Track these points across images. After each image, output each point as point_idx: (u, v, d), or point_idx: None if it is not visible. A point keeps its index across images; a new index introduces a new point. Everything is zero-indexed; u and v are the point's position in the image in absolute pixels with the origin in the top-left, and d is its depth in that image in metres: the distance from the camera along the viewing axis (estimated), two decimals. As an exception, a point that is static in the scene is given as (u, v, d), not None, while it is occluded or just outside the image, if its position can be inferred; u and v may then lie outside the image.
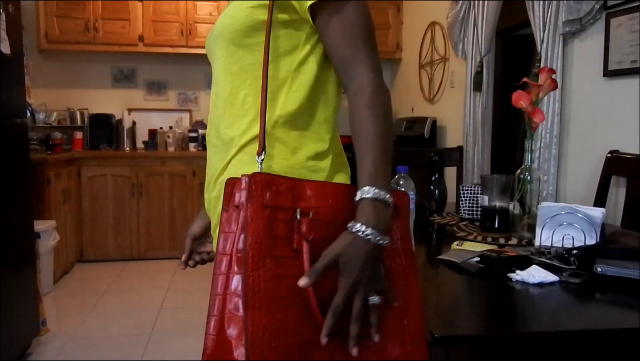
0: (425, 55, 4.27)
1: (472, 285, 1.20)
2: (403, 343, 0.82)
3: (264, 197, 0.78)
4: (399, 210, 0.88)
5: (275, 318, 0.75)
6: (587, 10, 2.30)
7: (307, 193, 0.81)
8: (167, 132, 4.66)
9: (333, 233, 0.80)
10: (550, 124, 2.50)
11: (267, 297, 0.75)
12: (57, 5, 4.33)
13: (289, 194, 0.80)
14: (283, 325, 0.75)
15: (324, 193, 0.82)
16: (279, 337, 0.75)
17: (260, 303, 0.75)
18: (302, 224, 0.79)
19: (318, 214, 0.81)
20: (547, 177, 2.52)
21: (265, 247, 0.77)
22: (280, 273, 0.77)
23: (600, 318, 1.02)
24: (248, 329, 0.73)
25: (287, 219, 0.79)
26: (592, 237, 1.35)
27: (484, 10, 3.19)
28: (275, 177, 0.80)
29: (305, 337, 0.77)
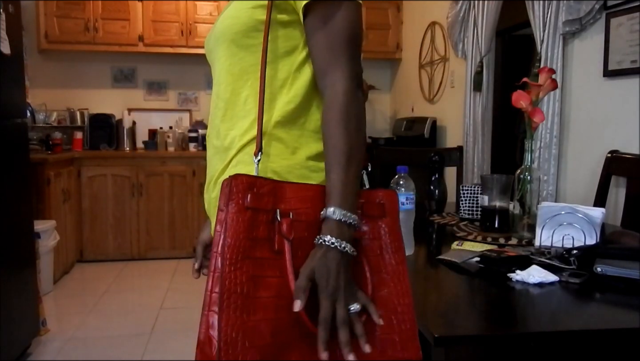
0: (425, 55, 4.27)
1: (472, 285, 1.20)
2: (392, 343, 0.82)
3: (244, 199, 0.79)
4: (385, 208, 0.88)
5: (250, 318, 0.76)
6: (587, 10, 2.30)
7: (287, 195, 0.82)
8: (167, 132, 4.66)
9: (313, 234, 0.81)
10: (550, 124, 2.50)
11: (243, 298, 0.76)
12: (57, 5, 4.33)
13: (270, 196, 0.81)
14: (259, 325, 0.76)
15: (304, 195, 0.83)
16: (254, 338, 0.76)
17: (235, 304, 0.76)
18: (282, 224, 0.80)
19: (298, 215, 0.82)
20: (547, 177, 2.52)
21: (244, 249, 0.78)
22: (259, 274, 0.78)
23: (600, 318, 1.02)
24: (222, 329, 0.75)
25: (267, 220, 0.80)
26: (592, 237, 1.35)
27: (484, 10, 3.19)
28: (257, 180, 0.81)
29: (282, 337, 0.78)
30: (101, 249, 4.30)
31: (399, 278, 0.86)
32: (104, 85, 4.83)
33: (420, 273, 1.31)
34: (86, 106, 4.74)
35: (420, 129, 3.96)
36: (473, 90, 3.32)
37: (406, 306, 0.85)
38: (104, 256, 4.30)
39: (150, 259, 4.35)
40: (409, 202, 1.32)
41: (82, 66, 4.76)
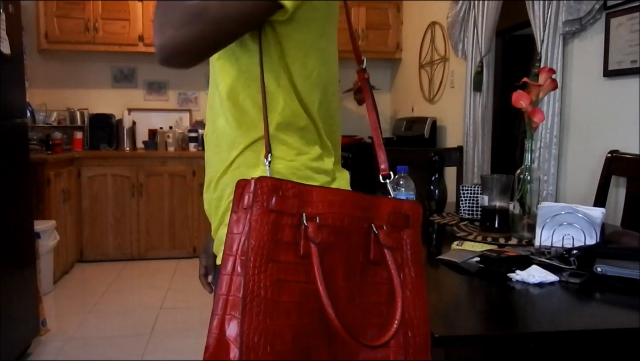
0: (425, 55, 4.27)
1: (472, 285, 1.20)
2: (405, 355, 0.83)
3: (269, 201, 0.78)
4: (410, 220, 0.88)
5: (273, 323, 0.75)
6: (587, 10, 2.30)
7: (313, 199, 0.82)
8: (167, 132, 4.66)
9: (340, 239, 0.81)
10: (550, 124, 2.50)
11: (267, 302, 0.76)
12: (57, 5, 4.33)
13: (295, 199, 0.80)
14: (281, 330, 0.76)
15: (331, 200, 0.82)
16: (276, 343, 0.75)
17: (258, 308, 0.75)
18: (309, 228, 0.79)
19: (325, 220, 0.81)
20: (547, 177, 2.52)
21: (268, 252, 0.77)
22: (284, 279, 0.77)
23: (600, 318, 1.02)
24: (244, 333, 0.74)
25: (293, 224, 0.79)
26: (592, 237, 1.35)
27: (484, 10, 3.19)
28: (282, 182, 0.80)
29: (302, 343, 0.77)
30: (101, 249, 4.30)
31: (417, 291, 0.86)
32: (104, 85, 4.83)
33: (420, 273, 1.31)
34: (86, 106, 4.74)
35: (420, 129, 3.96)
36: (473, 90, 3.32)
37: (422, 320, 0.85)
38: (104, 256, 4.30)
39: (150, 259, 4.35)
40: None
41: (82, 66, 4.76)
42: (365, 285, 0.83)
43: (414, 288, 0.86)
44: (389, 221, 0.86)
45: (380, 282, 0.84)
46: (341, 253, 0.82)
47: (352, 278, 0.82)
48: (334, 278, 0.81)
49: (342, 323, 0.77)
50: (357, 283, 0.83)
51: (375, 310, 0.83)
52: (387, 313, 0.82)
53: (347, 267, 0.82)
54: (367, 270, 0.84)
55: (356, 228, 0.83)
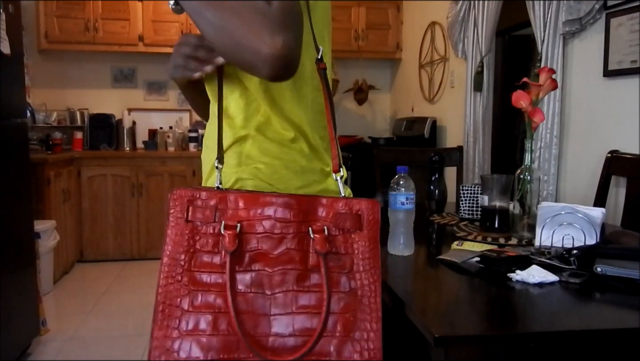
0: (425, 56, 4.27)
1: (472, 285, 1.20)
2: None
3: (185, 212, 0.80)
4: (362, 220, 0.81)
5: (186, 332, 0.76)
6: (587, 10, 2.30)
7: (238, 206, 0.80)
8: (167, 132, 4.66)
9: (272, 246, 0.78)
10: (550, 124, 2.50)
11: (181, 311, 0.76)
12: (57, 5, 4.33)
13: (213, 208, 0.79)
14: (194, 340, 0.76)
15: (260, 205, 0.79)
16: (186, 352, 0.75)
17: (170, 317, 0.76)
18: (225, 238, 0.78)
19: (251, 227, 0.79)
20: (547, 177, 2.52)
21: (184, 262, 0.78)
22: (201, 288, 0.77)
23: (600, 318, 1.02)
24: (154, 339, 0.76)
25: (213, 233, 0.79)
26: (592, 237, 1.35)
27: (484, 10, 3.19)
28: (199, 192, 0.81)
29: (219, 354, 0.76)
30: (101, 249, 4.30)
31: (369, 301, 0.79)
32: (104, 85, 4.83)
33: (420, 273, 1.31)
34: (86, 106, 4.74)
35: (420, 129, 3.96)
36: (473, 90, 3.32)
37: (373, 333, 0.78)
38: (104, 256, 4.30)
39: (150, 259, 4.35)
40: (409, 202, 1.32)
41: (82, 66, 4.76)
42: (301, 294, 0.78)
43: (367, 296, 0.79)
44: (333, 223, 0.80)
45: (317, 291, 0.78)
46: (274, 261, 0.78)
47: (287, 286, 0.78)
48: (263, 287, 0.78)
49: (254, 334, 0.76)
50: (292, 291, 0.78)
51: (308, 321, 0.77)
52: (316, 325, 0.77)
53: (282, 275, 0.78)
54: (305, 278, 0.78)
55: (292, 234, 0.79)
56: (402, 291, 1.08)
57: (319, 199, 0.81)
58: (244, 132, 0.91)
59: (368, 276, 0.80)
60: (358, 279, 0.79)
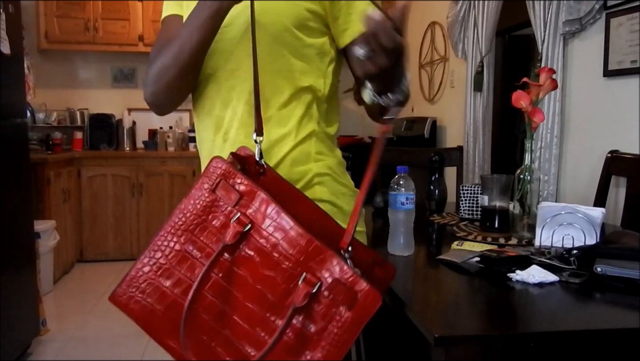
0: (425, 55, 4.27)
1: (472, 285, 1.20)
2: None
3: (215, 183, 0.80)
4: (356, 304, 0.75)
5: (160, 281, 0.78)
6: (587, 10, 2.30)
7: (261, 207, 0.78)
8: (167, 132, 4.66)
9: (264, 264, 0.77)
10: (550, 124, 2.50)
11: (165, 260, 0.79)
12: (57, 5, 4.33)
13: (238, 195, 0.79)
14: (164, 292, 0.78)
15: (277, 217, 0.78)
16: (150, 296, 0.78)
17: (156, 260, 0.79)
18: (230, 229, 0.77)
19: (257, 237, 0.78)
20: (547, 177, 2.52)
21: (189, 223, 0.79)
22: (190, 253, 0.79)
23: (600, 318, 1.02)
24: (134, 268, 0.80)
25: (226, 216, 0.79)
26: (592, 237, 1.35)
27: (484, 10, 3.19)
28: (236, 174, 0.80)
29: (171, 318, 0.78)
30: (101, 249, 4.30)
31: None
32: (104, 85, 4.82)
33: (420, 273, 1.31)
34: (86, 106, 4.74)
35: (420, 129, 3.95)
36: (473, 90, 3.32)
37: None
38: (104, 256, 4.30)
39: (150, 259, 4.35)
40: (409, 202, 1.32)
41: (82, 66, 4.76)
42: (267, 320, 0.76)
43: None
44: (329, 286, 0.75)
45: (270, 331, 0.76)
46: (260, 277, 0.77)
47: (259, 304, 0.77)
48: (238, 289, 0.77)
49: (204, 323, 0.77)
50: (261, 312, 0.76)
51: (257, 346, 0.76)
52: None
53: (259, 292, 0.77)
54: (278, 310, 0.76)
55: (285, 268, 0.77)
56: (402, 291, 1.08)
57: (332, 257, 0.76)
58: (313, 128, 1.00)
59: (331, 349, 0.75)
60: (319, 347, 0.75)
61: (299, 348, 0.75)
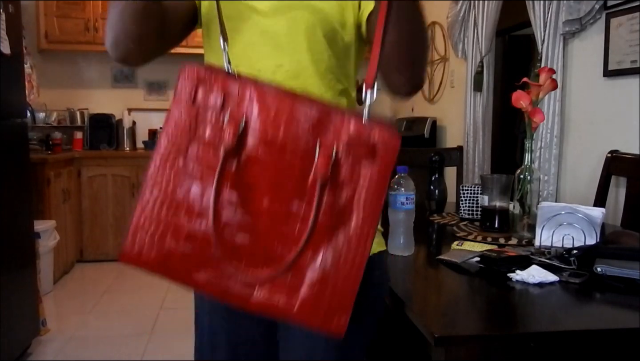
0: (425, 56, 4.26)
1: (472, 285, 1.20)
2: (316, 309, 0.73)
3: (193, 94, 0.75)
4: (377, 153, 0.71)
5: (168, 217, 0.72)
6: (587, 10, 2.30)
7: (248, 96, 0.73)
8: (167, 132, 4.66)
9: (272, 154, 0.72)
10: (550, 124, 2.50)
11: (165, 194, 0.73)
12: (57, 5, 4.33)
13: (221, 93, 0.73)
14: (175, 227, 0.72)
15: (271, 104, 0.72)
16: (163, 236, 0.72)
17: (156, 196, 0.73)
18: (225, 132, 0.72)
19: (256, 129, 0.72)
20: (547, 177, 2.52)
21: (178, 147, 0.74)
22: (190, 176, 0.73)
23: (600, 318, 1.02)
24: (137, 215, 0.73)
25: (216, 123, 0.73)
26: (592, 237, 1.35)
27: (484, 10, 3.19)
28: (212, 74, 0.74)
29: (193, 250, 0.72)
30: (101, 249, 4.30)
31: (358, 241, 0.72)
32: (104, 85, 4.82)
33: (420, 273, 1.31)
34: (86, 106, 4.74)
35: (420, 129, 3.95)
36: (473, 90, 3.32)
37: (352, 274, 0.72)
38: (104, 256, 4.30)
39: (150, 259, 4.35)
40: (409, 202, 1.32)
41: (82, 66, 4.76)
42: (293, 212, 0.72)
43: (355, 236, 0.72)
44: (345, 146, 0.72)
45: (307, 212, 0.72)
46: (272, 170, 0.72)
47: (279, 200, 0.72)
48: (253, 193, 0.72)
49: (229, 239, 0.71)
50: (284, 207, 0.72)
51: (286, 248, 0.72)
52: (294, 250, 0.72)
53: (276, 187, 0.72)
54: (297, 196, 0.72)
55: (297, 146, 0.72)
56: (402, 291, 1.08)
57: (340, 112, 0.73)
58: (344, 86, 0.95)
59: (363, 213, 0.72)
60: (351, 214, 0.72)
61: (335, 225, 0.72)
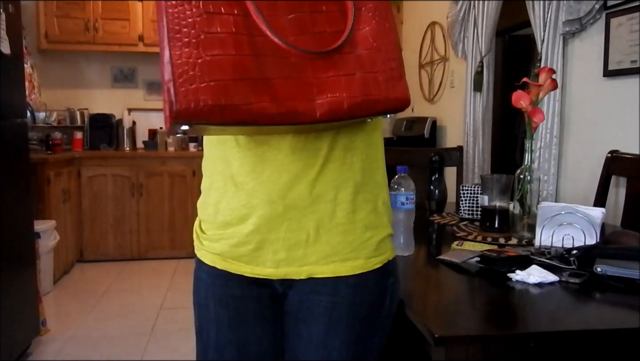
0: (425, 55, 4.27)
1: (472, 285, 1.20)
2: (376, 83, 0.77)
3: None
4: None
5: (207, 53, 0.69)
6: (587, 10, 2.30)
7: None
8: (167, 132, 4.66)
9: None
10: (550, 124, 2.50)
11: (195, 33, 0.69)
12: (57, 5, 4.33)
13: None
14: (218, 60, 0.70)
15: None
16: (212, 72, 0.69)
17: (187, 38, 0.69)
18: None
19: None
20: (547, 177, 2.52)
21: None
22: (213, 10, 0.71)
23: (600, 318, 1.02)
24: (174, 64, 0.68)
25: None
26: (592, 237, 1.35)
27: (484, 10, 3.19)
28: None
29: (247, 74, 0.71)
30: (101, 249, 4.30)
31: (381, 15, 0.78)
32: (104, 85, 4.83)
33: (420, 273, 1.31)
34: (86, 106, 4.74)
35: (420, 129, 3.95)
36: (473, 90, 3.32)
37: (390, 45, 0.78)
38: (104, 256, 4.30)
39: (150, 259, 4.35)
40: (409, 202, 1.32)
41: (82, 66, 4.76)
42: (317, 15, 0.76)
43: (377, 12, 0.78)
44: None
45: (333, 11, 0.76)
46: None
47: (299, 9, 0.75)
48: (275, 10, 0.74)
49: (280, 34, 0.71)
50: (306, 13, 0.75)
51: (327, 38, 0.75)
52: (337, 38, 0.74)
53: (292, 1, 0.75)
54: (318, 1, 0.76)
55: None
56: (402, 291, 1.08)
57: None
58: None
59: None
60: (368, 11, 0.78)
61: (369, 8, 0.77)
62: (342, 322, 0.90)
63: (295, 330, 0.94)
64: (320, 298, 0.90)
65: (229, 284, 0.93)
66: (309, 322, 0.92)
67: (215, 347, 0.95)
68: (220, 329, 0.95)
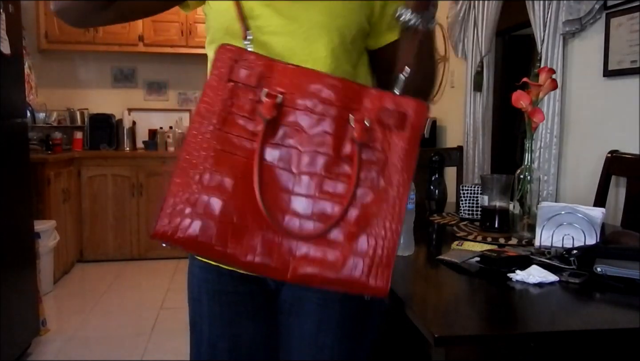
0: (425, 55, 4.27)
1: (472, 285, 1.20)
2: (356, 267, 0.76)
3: (228, 70, 0.77)
4: (407, 121, 0.78)
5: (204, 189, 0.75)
6: (587, 10, 2.30)
7: (282, 76, 0.77)
8: (167, 132, 4.66)
9: (308, 125, 0.77)
10: (550, 124, 2.50)
11: (203, 168, 0.75)
12: (57, 5, 4.33)
13: (257, 72, 0.77)
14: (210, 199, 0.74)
15: (302, 81, 0.77)
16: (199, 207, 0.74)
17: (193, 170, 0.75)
18: (263, 104, 0.76)
19: (291, 101, 0.77)
20: (547, 177, 2.52)
21: (217, 120, 0.76)
22: (228, 150, 0.76)
23: (600, 318, 1.02)
24: (172, 185, 0.75)
25: (252, 99, 0.77)
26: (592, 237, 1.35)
27: (484, 10, 3.19)
28: (246, 53, 0.78)
29: (236, 220, 0.75)
30: (101, 249, 4.30)
31: (394, 201, 0.77)
32: (104, 85, 4.83)
33: (420, 273, 1.31)
34: (86, 106, 4.74)
35: (420, 129, 3.95)
36: (473, 90, 3.32)
37: (391, 233, 0.77)
38: (104, 256, 4.30)
39: (150, 259, 4.35)
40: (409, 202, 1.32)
41: (82, 66, 4.76)
42: (328, 180, 0.77)
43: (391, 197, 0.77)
44: (376, 117, 0.78)
45: (344, 181, 0.77)
46: (308, 140, 0.77)
47: (315, 168, 0.77)
48: (290, 164, 0.76)
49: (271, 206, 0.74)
50: (319, 175, 0.77)
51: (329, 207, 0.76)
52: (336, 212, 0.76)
53: (312, 156, 0.77)
54: (335, 165, 0.77)
55: (331, 117, 0.77)
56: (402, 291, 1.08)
57: (368, 90, 0.79)
58: None
59: (399, 176, 0.77)
60: (388, 177, 0.77)
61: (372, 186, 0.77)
62: (334, 318, 0.91)
63: (288, 326, 0.95)
64: (312, 295, 0.91)
65: (222, 280, 0.94)
66: (300, 318, 0.93)
67: (209, 342, 0.97)
68: (213, 324, 0.96)
